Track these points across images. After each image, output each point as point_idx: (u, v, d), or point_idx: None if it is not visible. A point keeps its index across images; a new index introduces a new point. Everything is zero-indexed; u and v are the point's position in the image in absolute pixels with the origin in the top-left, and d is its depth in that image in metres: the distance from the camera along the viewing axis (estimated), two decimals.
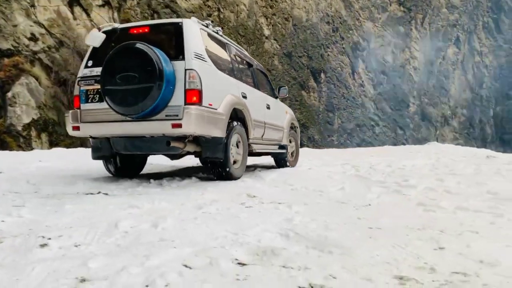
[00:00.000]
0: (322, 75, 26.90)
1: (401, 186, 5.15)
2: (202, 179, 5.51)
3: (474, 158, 9.34)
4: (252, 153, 6.15)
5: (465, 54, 37.90)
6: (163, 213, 3.31)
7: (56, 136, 14.33)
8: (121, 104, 4.41)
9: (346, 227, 3.07)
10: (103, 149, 5.10)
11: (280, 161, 7.48)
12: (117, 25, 5.07)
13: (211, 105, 4.65)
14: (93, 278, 1.91)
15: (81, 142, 13.31)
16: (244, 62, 6.36)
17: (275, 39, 24.74)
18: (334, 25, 28.68)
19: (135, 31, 4.87)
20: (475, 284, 1.87)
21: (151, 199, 3.89)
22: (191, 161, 8.55)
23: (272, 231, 2.85)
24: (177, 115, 4.35)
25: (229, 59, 5.64)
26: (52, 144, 13.94)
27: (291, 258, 2.30)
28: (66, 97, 14.88)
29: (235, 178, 5.26)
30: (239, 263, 2.22)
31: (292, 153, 7.99)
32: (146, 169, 6.72)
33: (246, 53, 6.81)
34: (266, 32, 24.41)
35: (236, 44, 6.43)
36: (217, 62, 5.09)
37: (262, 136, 6.29)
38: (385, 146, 19.67)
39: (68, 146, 13.09)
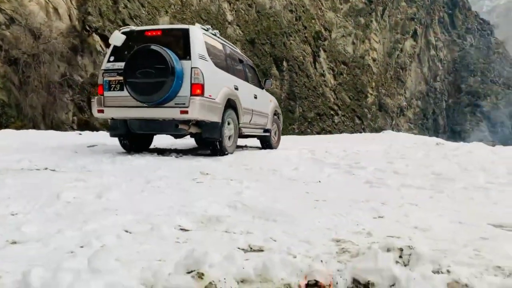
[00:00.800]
0: (285, 63, 27.02)
1: (352, 167, 5.29)
2: (157, 158, 5.46)
3: (425, 145, 9.70)
4: (241, 135, 7.10)
5: (422, 47, 39.23)
6: (110, 186, 3.24)
7: (6, 117, 13.56)
8: (141, 94, 5.40)
9: (294, 200, 3.14)
10: (119, 128, 6.00)
11: (265, 143, 8.42)
12: (134, 28, 6.08)
13: (210, 96, 5.62)
14: (25, 241, 1.86)
15: (34, 125, 12.71)
16: (237, 58, 7.40)
17: (238, 25, 24.56)
18: (297, 14, 28.81)
19: (149, 34, 5.84)
20: (403, 243, 1.96)
21: (99, 175, 3.81)
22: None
23: (220, 203, 2.86)
24: (184, 104, 5.37)
25: (224, 57, 6.66)
26: (1, 126, 13.21)
27: (235, 224, 2.33)
28: (18, 77, 14.06)
29: (228, 153, 6.21)
30: (181, 229, 2.22)
31: (275, 136, 8.92)
32: (100, 149, 6.55)
33: (238, 50, 7.89)
34: (229, 17, 24.17)
35: (230, 44, 7.49)
36: (216, 60, 6.10)
37: (250, 121, 7.28)
38: (343, 134, 20.12)
39: (18, 128, 12.44)
